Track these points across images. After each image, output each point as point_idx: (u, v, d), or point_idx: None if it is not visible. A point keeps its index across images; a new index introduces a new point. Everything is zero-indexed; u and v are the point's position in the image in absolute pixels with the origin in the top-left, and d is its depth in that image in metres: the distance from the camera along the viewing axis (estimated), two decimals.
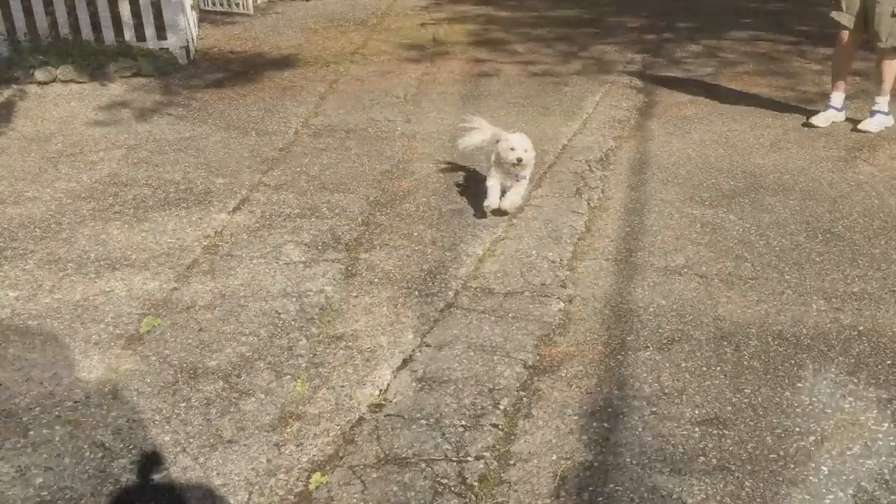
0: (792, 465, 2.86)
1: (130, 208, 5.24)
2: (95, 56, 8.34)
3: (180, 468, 2.87)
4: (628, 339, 3.74)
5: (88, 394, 3.31)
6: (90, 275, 4.36)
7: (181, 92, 7.97)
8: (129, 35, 8.79)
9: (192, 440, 3.02)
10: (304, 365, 3.51)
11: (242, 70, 8.77)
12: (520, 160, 4.69)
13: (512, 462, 2.95)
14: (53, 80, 8.09)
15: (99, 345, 3.68)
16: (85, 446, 2.99)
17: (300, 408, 3.21)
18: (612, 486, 2.79)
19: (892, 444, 2.95)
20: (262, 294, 4.14)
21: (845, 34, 6.58)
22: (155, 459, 2.90)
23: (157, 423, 3.12)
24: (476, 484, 2.80)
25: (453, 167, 6.03)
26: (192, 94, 7.91)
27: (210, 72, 8.66)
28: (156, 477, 2.83)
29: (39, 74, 8.05)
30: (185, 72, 8.60)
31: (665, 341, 3.70)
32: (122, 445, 2.99)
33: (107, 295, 4.14)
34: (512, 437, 3.08)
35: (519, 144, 4.73)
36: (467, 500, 2.72)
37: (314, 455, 2.94)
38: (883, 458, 2.88)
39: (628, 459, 2.93)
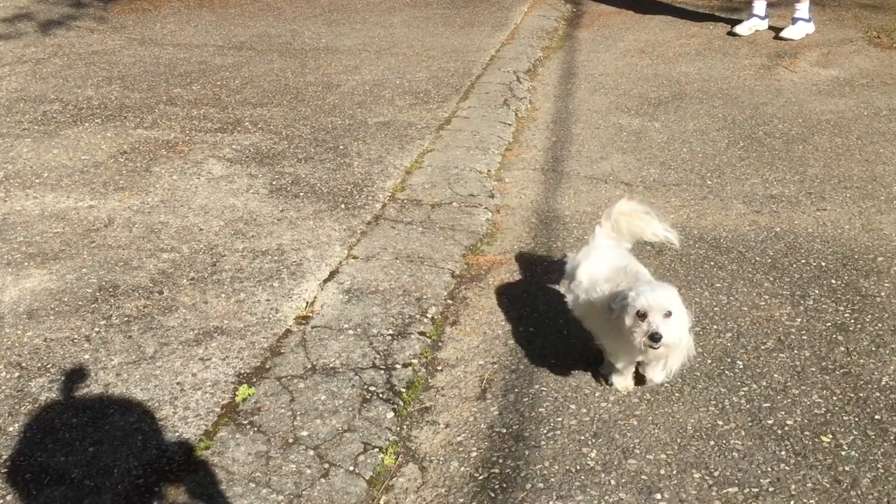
0: (709, 361, 2.96)
1: (40, 125, 5.00)
2: None
3: (102, 385, 2.81)
4: (554, 246, 3.78)
5: (2, 314, 3.20)
6: None
7: (91, 3, 7.56)
8: None
9: (113, 357, 2.95)
10: (228, 280, 3.45)
11: None
12: (656, 339, 2.42)
13: (439, 368, 2.98)
14: None
15: (11, 265, 3.54)
16: (0, 366, 2.90)
17: (225, 322, 3.17)
18: (537, 386, 2.85)
19: (805, 337, 3.07)
20: (182, 210, 4.03)
21: None
22: (75, 378, 2.84)
23: (75, 341, 3.04)
24: (404, 390, 2.82)
25: (379, 79, 5.90)
26: (103, 6, 7.52)
27: None
28: (76, 395, 2.77)
29: None
30: None
31: None
32: (39, 365, 2.91)
33: (18, 214, 3.97)
34: (439, 345, 3.11)
35: (654, 302, 2.44)
36: (395, 405, 2.74)
37: (240, 368, 2.91)
38: (795, 352, 2.99)
39: (553, 361, 2.98)
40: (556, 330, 3.17)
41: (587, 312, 2.81)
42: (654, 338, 2.42)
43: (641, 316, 2.44)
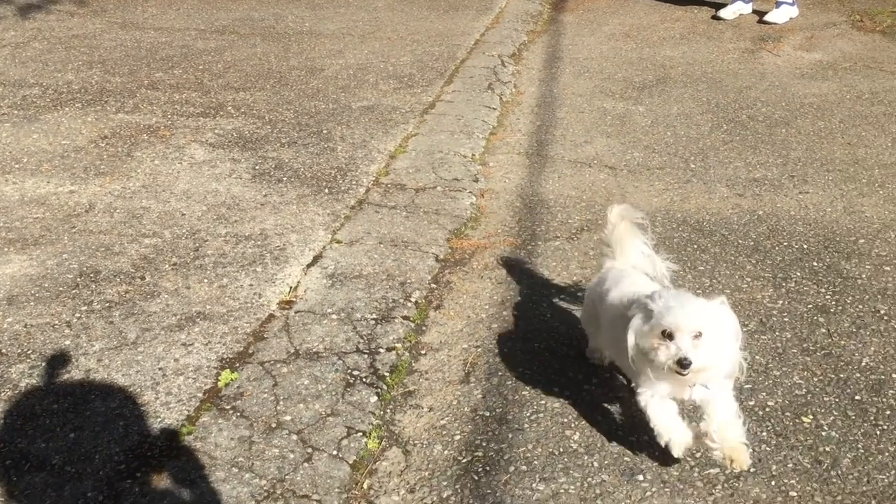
0: None
1: (20, 109, 4.94)
2: None
3: (83, 371, 2.79)
4: (538, 230, 3.77)
5: None
6: None
7: None
8: None
9: (94, 343, 2.93)
10: (211, 265, 3.43)
11: None
12: (685, 366, 2.09)
13: (423, 352, 2.98)
14: None
15: None
16: None
17: (208, 307, 3.15)
18: (520, 370, 2.85)
19: (786, 319, 3.08)
20: (164, 195, 4.00)
21: None
22: (56, 363, 2.82)
23: (56, 327, 3.02)
24: (387, 374, 2.81)
25: (363, 63, 5.87)
26: None
27: None
28: (57, 381, 2.75)
29: None
30: None
31: (574, 231, 3.74)
32: (19, 351, 2.88)
33: None
34: (423, 329, 3.10)
35: (684, 321, 2.11)
36: (379, 390, 2.74)
37: (223, 353, 2.89)
38: (776, 333, 3.01)
39: (537, 344, 2.99)
40: (539, 314, 3.17)
41: (605, 337, 2.59)
42: (683, 364, 2.08)
43: (668, 336, 2.11)
